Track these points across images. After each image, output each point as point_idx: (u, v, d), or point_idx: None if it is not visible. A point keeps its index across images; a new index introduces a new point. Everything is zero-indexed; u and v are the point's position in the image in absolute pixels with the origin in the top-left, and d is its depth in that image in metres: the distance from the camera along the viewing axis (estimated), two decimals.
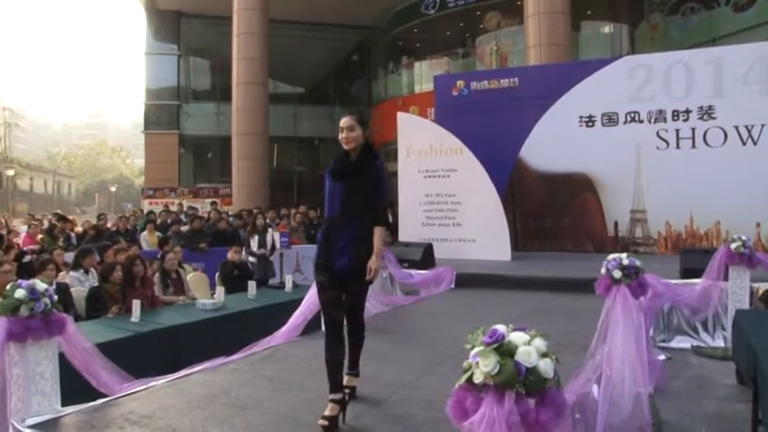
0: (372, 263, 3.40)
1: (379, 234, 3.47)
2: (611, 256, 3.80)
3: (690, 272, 6.38)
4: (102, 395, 3.55)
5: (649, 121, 10.27)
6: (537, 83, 11.28)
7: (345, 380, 3.41)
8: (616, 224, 10.53)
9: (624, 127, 10.45)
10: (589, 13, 20.60)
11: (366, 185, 3.49)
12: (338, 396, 3.21)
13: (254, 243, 9.60)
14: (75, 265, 7.14)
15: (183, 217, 14.50)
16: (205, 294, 7.28)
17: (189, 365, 4.19)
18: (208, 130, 25.99)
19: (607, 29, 21.24)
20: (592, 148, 10.58)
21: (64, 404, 3.36)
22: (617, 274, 3.66)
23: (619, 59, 11.25)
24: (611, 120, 10.54)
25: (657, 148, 10.20)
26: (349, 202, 3.47)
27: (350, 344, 3.53)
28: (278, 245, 9.23)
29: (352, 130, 3.53)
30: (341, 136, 3.55)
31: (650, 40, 19.27)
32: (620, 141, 10.38)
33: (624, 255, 3.78)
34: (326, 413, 3.14)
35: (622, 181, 10.39)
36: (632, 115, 10.38)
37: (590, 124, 10.70)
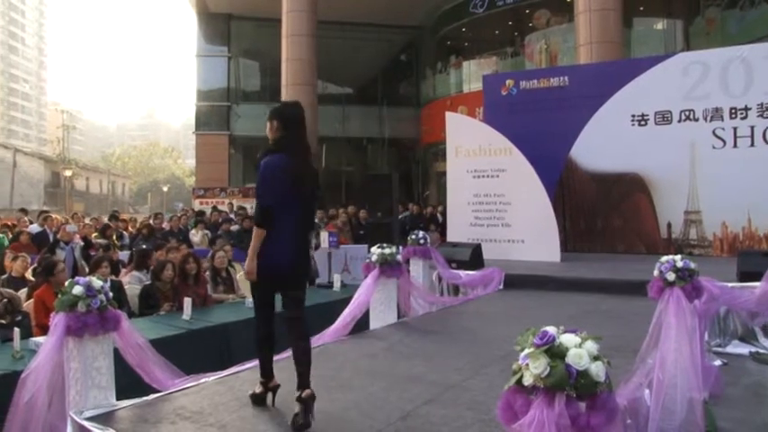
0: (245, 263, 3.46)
1: (253, 234, 3.42)
2: (664, 258, 3.72)
3: (748, 275, 6.16)
4: (154, 391, 3.63)
5: (705, 120, 9.99)
6: (587, 82, 11.09)
7: None
8: (669, 225, 10.28)
9: (678, 125, 10.19)
10: (641, 9, 20.19)
11: None
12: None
13: None
14: (139, 265, 7.31)
15: (233, 216, 14.72)
16: None
17: (239, 363, 4.24)
18: (257, 130, 26.10)
19: (660, 25, 20.75)
20: (644, 147, 10.34)
21: (118, 399, 3.45)
22: (670, 276, 3.59)
23: (673, 56, 10.97)
24: (664, 118, 10.30)
25: (713, 146, 9.91)
26: None
27: None
28: (326, 244, 9.28)
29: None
30: None
31: (706, 35, 18.73)
32: (674, 140, 10.12)
33: (678, 257, 3.70)
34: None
35: (676, 181, 10.13)
36: (687, 113, 10.12)
37: (642, 123, 10.48)
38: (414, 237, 7.60)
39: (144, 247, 8.46)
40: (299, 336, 3.38)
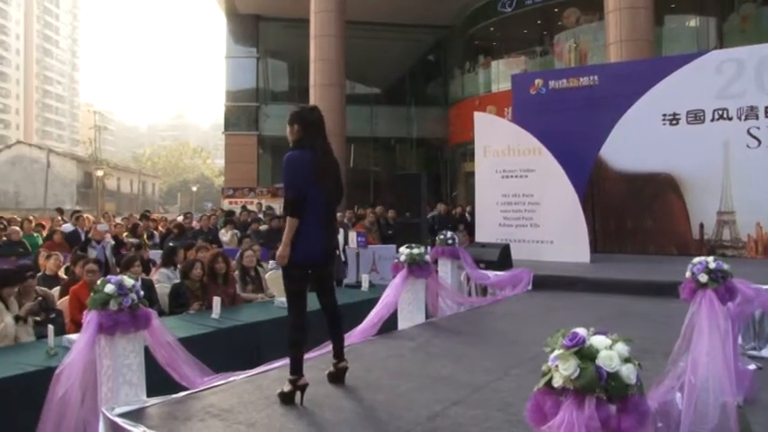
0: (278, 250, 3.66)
1: (287, 224, 3.62)
2: (696, 260, 3.67)
3: None
4: (184, 388, 3.66)
5: (739, 119, 9.80)
6: (618, 81, 10.95)
7: None
8: (702, 226, 10.12)
9: (711, 125, 10.02)
10: (673, 6, 19.91)
11: None
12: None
13: None
14: (167, 263, 7.41)
15: (261, 216, 14.83)
16: (283, 292, 7.41)
17: (267, 362, 4.27)
18: (286, 130, 26.46)
19: (693, 22, 20.43)
20: (676, 147, 10.20)
21: (148, 396, 3.49)
22: (703, 277, 3.53)
23: (706, 54, 10.79)
24: (696, 117, 10.14)
25: (748, 146, 9.72)
26: None
27: None
28: (354, 244, 9.30)
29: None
30: None
31: (741, 33, 18.40)
32: (707, 140, 9.95)
33: (711, 258, 3.64)
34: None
35: (709, 181, 9.96)
36: (720, 112, 9.94)
37: (674, 123, 10.33)
38: (442, 237, 7.59)
39: (170, 244, 8.57)
40: (337, 322, 3.93)
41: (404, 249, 5.83)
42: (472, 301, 7.44)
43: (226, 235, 11.75)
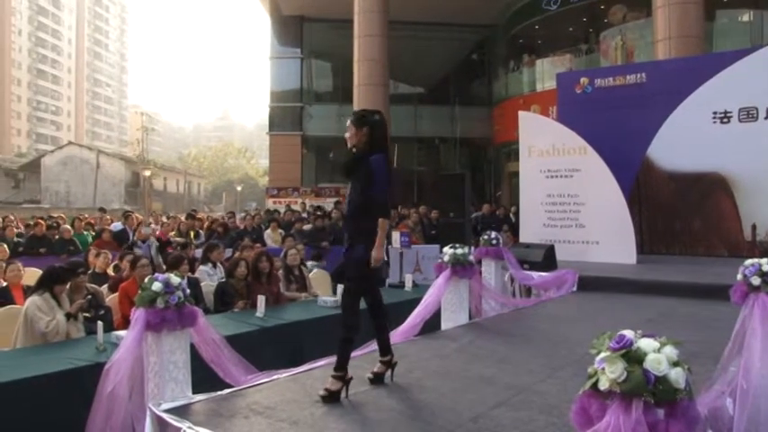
0: (373, 252, 3.59)
1: (379, 226, 3.61)
2: (748, 262, 3.58)
3: None
4: (228, 385, 3.71)
5: None
6: (666, 78, 10.72)
7: None
8: (754, 227, 9.84)
9: (765, 122, 9.72)
10: (725, 0, 19.39)
11: (358, 182, 3.68)
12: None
13: None
14: (204, 260, 7.56)
15: (305, 215, 14.94)
16: (326, 291, 7.47)
17: (310, 361, 4.30)
18: (330, 130, 26.59)
19: (746, 17, 19.84)
20: (727, 145, 9.93)
21: (193, 392, 3.55)
22: (755, 280, 3.44)
23: (760, 49, 10.47)
24: (749, 115, 9.86)
25: None
26: (349, 198, 3.82)
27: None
28: (398, 244, 9.30)
29: (347, 131, 3.74)
30: None
31: None
32: (760, 138, 9.66)
33: (764, 260, 3.55)
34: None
35: (762, 181, 9.67)
36: None
37: (725, 121, 10.07)
38: (486, 237, 7.55)
39: (212, 242, 8.73)
40: (383, 314, 3.99)
41: (447, 249, 5.81)
42: (516, 302, 7.38)
43: (272, 236, 11.83)
